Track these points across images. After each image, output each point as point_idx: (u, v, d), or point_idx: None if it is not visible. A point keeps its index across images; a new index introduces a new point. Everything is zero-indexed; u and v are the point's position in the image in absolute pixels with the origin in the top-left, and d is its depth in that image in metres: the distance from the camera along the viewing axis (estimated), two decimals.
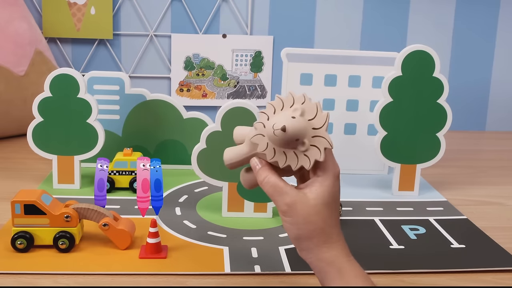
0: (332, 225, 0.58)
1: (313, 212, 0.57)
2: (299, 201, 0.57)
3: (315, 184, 0.58)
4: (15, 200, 0.72)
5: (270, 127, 0.57)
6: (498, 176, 1.15)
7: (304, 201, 0.57)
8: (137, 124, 1.07)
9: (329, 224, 0.57)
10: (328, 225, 0.57)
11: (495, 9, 1.51)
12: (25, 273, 0.68)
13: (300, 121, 0.57)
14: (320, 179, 0.58)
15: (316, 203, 0.57)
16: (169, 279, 0.69)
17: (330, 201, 0.58)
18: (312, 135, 0.58)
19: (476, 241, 0.82)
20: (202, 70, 1.48)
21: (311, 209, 0.57)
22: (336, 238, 0.58)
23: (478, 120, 1.58)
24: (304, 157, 0.58)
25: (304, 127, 0.57)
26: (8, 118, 1.26)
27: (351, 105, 1.09)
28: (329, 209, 0.58)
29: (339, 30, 1.49)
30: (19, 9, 1.29)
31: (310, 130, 0.58)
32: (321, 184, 0.58)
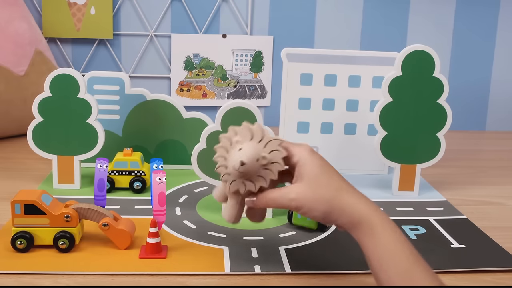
0: (338, 188, 0.63)
1: (313, 187, 0.63)
2: (297, 190, 0.63)
3: (298, 170, 0.64)
4: (15, 200, 0.72)
5: (231, 167, 0.64)
6: (498, 176, 1.15)
7: (300, 186, 0.63)
8: (137, 124, 1.07)
9: (335, 188, 0.63)
10: (334, 188, 0.63)
11: (495, 9, 1.51)
12: (25, 273, 0.68)
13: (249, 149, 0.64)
14: (299, 164, 0.64)
15: (309, 180, 0.63)
16: (169, 279, 0.69)
17: (320, 171, 0.63)
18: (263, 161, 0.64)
19: (476, 241, 0.82)
20: (202, 70, 1.48)
21: (310, 188, 0.63)
22: (351, 198, 0.62)
23: (478, 120, 1.58)
24: (261, 178, 0.65)
25: (255, 151, 0.64)
26: (8, 118, 1.26)
27: (351, 105, 1.09)
28: (326, 176, 0.63)
29: (339, 30, 1.49)
30: (19, 9, 1.29)
31: (261, 153, 0.64)
32: (302, 166, 0.64)
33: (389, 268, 0.57)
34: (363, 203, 0.62)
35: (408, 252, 0.58)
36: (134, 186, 0.96)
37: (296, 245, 0.79)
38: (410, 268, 0.57)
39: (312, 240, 0.80)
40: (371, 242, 0.59)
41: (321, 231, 0.83)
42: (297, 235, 0.82)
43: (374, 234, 0.59)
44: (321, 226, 0.83)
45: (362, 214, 0.61)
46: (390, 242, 0.59)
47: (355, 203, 0.62)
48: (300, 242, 0.79)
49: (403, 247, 0.58)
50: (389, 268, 0.57)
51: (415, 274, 0.56)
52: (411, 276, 0.56)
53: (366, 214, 0.61)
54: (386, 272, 0.57)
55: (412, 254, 0.58)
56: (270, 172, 0.65)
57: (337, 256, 0.75)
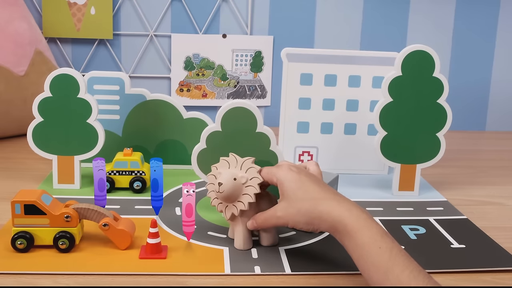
0: (313, 198, 0.69)
1: (293, 203, 0.70)
2: (281, 208, 0.71)
3: (280, 189, 0.72)
4: (15, 200, 0.72)
5: (216, 189, 0.74)
6: (498, 176, 1.15)
7: (283, 204, 0.71)
8: (137, 124, 1.07)
9: (311, 199, 0.69)
10: (310, 200, 0.69)
11: (495, 9, 1.51)
12: (25, 273, 0.68)
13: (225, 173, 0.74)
14: (279, 183, 0.72)
15: (288, 197, 0.70)
16: (169, 279, 0.69)
17: (296, 186, 0.70)
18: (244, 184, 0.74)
19: (476, 241, 0.82)
20: (202, 70, 1.48)
21: (290, 204, 0.70)
22: (326, 206, 0.67)
23: (478, 120, 1.58)
24: (240, 203, 0.74)
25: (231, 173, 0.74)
26: (8, 118, 1.26)
27: (351, 105, 1.09)
28: (302, 190, 0.70)
29: (339, 30, 1.49)
30: (19, 9, 1.29)
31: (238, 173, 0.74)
32: (281, 185, 0.71)
33: (369, 268, 0.61)
34: (338, 208, 0.66)
35: (385, 250, 0.61)
36: (134, 186, 0.96)
37: (296, 245, 0.79)
38: (387, 267, 0.59)
39: (312, 240, 0.80)
40: (349, 244, 0.64)
41: (320, 232, 0.83)
42: (297, 235, 0.82)
43: (350, 237, 0.64)
44: None
45: (337, 219, 0.65)
46: (365, 243, 0.62)
47: (330, 209, 0.66)
48: (300, 242, 0.79)
49: (380, 246, 0.61)
50: (369, 268, 0.61)
51: (393, 273, 0.59)
52: (388, 275, 0.59)
53: (340, 218, 0.65)
54: (367, 271, 0.61)
55: (389, 250, 0.60)
56: (252, 188, 0.74)
57: (337, 256, 0.75)
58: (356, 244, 0.63)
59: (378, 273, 0.60)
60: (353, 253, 0.63)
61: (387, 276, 0.59)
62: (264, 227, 0.75)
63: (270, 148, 0.86)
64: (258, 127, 0.85)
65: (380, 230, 0.63)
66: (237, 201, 0.75)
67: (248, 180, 0.74)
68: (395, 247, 0.61)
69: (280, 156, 0.87)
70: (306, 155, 1.11)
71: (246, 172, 0.75)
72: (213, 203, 0.77)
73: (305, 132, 1.09)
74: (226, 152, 0.78)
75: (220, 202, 0.76)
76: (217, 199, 0.77)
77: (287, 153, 1.09)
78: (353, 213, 0.65)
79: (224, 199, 0.75)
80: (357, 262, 0.63)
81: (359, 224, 0.64)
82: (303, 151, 1.10)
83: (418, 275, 0.58)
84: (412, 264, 0.60)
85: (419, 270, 0.59)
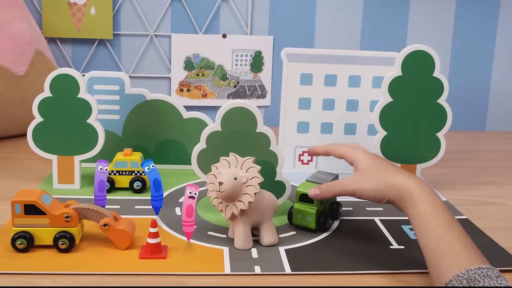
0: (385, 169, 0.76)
1: (365, 173, 0.77)
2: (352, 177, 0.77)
3: (355, 167, 0.80)
4: (15, 200, 0.72)
5: (217, 188, 0.74)
6: (498, 176, 1.15)
7: (354, 174, 0.78)
8: (137, 124, 1.07)
9: (383, 170, 0.76)
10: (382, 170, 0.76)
11: (495, 9, 1.51)
12: (25, 273, 0.68)
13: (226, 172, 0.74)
14: (354, 163, 0.79)
15: (361, 170, 0.77)
16: (169, 279, 0.69)
17: (370, 163, 0.77)
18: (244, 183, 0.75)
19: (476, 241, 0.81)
20: (202, 70, 1.48)
21: (362, 174, 0.77)
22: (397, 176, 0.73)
23: (478, 120, 1.58)
24: (240, 203, 0.74)
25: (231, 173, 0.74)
26: (8, 118, 1.26)
27: (351, 105, 1.09)
28: (375, 165, 0.77)
29: (339, 30, 1.49)
30: (19, 9, 1.29)
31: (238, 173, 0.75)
32: (356, 163, 0.79)
33: (425, 234, 0.65)
34: (407, 179, 0.71)
35: (444, 220, 0.65)
36: (134, 186, 0.96)
37: (296, 245, 0.79)
38: (442, 235, 0.63)
39: (312, 240, 0.80)
40: (411, 210, 0.68)
41: (321, 231, 0.83)
42: (297, 235, 0.82)
43: (413, 204, 0.68)
44: (321, 226, 0.83)
45: (405, 187, 0.70)
46: (427, 210, 0.67)
47: (400, 179, 0.72)
48: (300, 242, 0.79)
49: (439, 216, 0.66)
50: (425, 234, 0.65)
51: (446, 241, 0.63)
52: (442, 242, 0.63)
53: (408, 187, 0.70)
54: (423, 237, 0.65)
55: (448, 222, 0.65)
56: (252, 188, 0.74)
57: (337, 256, 0.75)
58: (418, 212, 0.67)
59: (432, 239, 0.64)
60: (413, 220, 0.68)
61: (440, 243, 0.63)
62: (328, 194, 0.78)
63: (270, 148, 0.86)
64: (258, 127, 0.85)
65: (443, 205, 0.68)
66: (237, 200, 0.75)
67: (249, 179, 0.75)
68: (454, 221, 0.66)
69: (280, 156, 0.87)
70: (306, 155, 1.11)
71: (246, 172, 0.75)
72: (213, 202, 0.77)
73: (305, 132, 1.09)
74: (226, 152, 0.78)
75: (220, 202, 0.76)
76: (217, 199, 0.76)
77: (287, 153, 1.09)
78: (421, 185, 0.70)
79: (225, 199, 0.75)
80: (416, 229, 0.67)
81: (425, 194, 0.69)
82: (303, 151, 1.10)
83: (471, 249, 0.62)
84: (467, 239, 0.64)
85: (472, 246, 0.63)
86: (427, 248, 0.64)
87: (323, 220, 0.83)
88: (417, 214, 0.67)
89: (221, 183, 0.73)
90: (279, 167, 0.87)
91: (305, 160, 1.11)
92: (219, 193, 0.74)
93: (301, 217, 0.83)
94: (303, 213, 0.82)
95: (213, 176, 0.77)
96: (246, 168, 0.75)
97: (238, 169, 0.76)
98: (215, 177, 0.76)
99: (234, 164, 0.76)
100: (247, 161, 0.76)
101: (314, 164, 1.11)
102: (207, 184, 0.78)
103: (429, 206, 0.67)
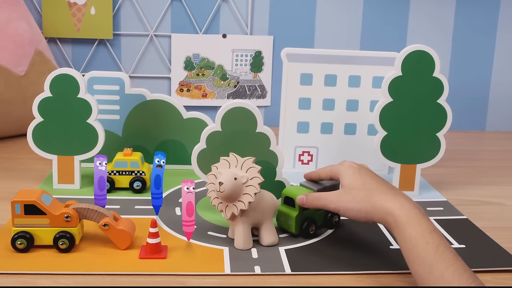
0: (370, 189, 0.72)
1: (349, 191, 0.73)
2: (336, 194, 0.75)
3: (341, 182, 0.77)
4: (15, 200, 0.72)
5: (217, 188, 0.74)
6: (498, 176, 1.15)
7: (339, 191, 0.75)
8: (137, 124, 1.07)
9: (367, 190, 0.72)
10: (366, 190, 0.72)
11: (495, 9, 1.51)
12: (25, 273, 0.68)
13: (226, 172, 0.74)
14: (340, 177, 0.77)
15: (346, 187, 0.75)
16: (169, 279, 0.69)
17: (354, 179, 0.75)
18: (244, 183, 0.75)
19: (476, 241, 0.82)
20: (202, 70, 1.48)
21: (345, 192, 0.74)
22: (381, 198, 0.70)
23: (478, 120, 1.58)
24: (240, 203, 0.74)
25: (231, 173, 0.74)
26: (8, 118, 1.26)
27: (351, 105, 1.09)
28: (360, 182, 0.74)
29: (339, 30, 1.49)
30: (19, 9, 1.29)
31: (238, 173, 0.75)
32: (342, 178, 0.76)
33: (415, 263, 0.63)
34: (391, 201, 0.68)
35: (432, 245, 0.62)
36: (134, 186, 0.96)
37: (296, 245, 0.79)
38: (432, 262, 0.61)
39: (312, 240, 0.80)
40: (398, 236, 0.66)
41: (303, 237, 0.81)
42: (297, 235, 0.82)
43: (398, 229, 0.66)
44: (303, 232, 0.80)
45: (388, 211, 0.68)
46: (413, 237, 0.63)
47: (383, 201, 0.69)
48: (300, 242, 0.79)
49: (427, 241, 0.63)
50: (415, 263, 0.63)
51: (437, 269, 0.60)
52: (433, 270, 0.60)
53: (391, 210, 0.67)
54: (413, 266, 0.63)
55: (436, 247, 0.62)
56: (252, 188, 0.74)
57: (337, 256, 0.75)
58: (404, 237, 0.64)
59: (422, 267, 0.61)
60: (401, 246, 0.65)
61: (431, 271, 0.60)
62: (312, 205, 0.76)
63: (270, 148, 0.86)
64: (258, 127, 0.85)
65: (430, 227, 0.65)
66: (237, 200, 0.75)
67: (249, 179, 0.75)
68: (442, 244, 0.62)
69: (280, 156, 0.87)
70: (306, 155, 1.11)
71: (246, 172, 0.75)
72: (213, 202, 0.77)
73: (305, 132, 1.09)
74: (226, 152, 0.78)
75: (220, 202, 0.76)
76: (217, 199, 0.76)
77: (287, 153, 1.09)
78: (405, 207, 0.67)
79: (225, 199, 0.75)
80: (405, 255, 0.65)
81: (409, 218, 0.65)
82: (303, 151, 1.10)
83: (463, 273, 0.59)
84: (458, 262, 0.60)
85: (465, 269, 0.60)
86: (419, 277, 0.62)
87: (306, 226, 0.80)
88: (404, 239, 0.65)
89: (221, 183, 0.73)
90: (279, 167, 0.87)
91: (305, 160, 1.11)
92: (219, 193, 0.74)
93: (283, 220, 0.82)
94: (285, 216, 0.81)
95: (213, 176, 0.77)
96: (246, 168, 0.75)
97: (238, 169, 0.76)
98: (215, 177, 0.76)
99: (234, 164, 0.76)
100: (247, 161, 0.76)
101: (314, 164, 1.11)
102: (207, 184, 0.78)
103: (415, 232, 0.64)
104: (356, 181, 0.74)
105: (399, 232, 0.65)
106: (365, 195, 0.71)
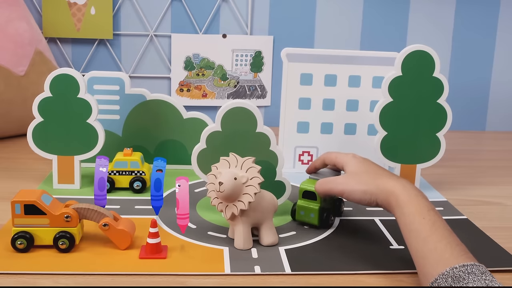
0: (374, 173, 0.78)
1: (354, 176, 0.78)
2: (342, 178, 0.79)
3: (345, 170, 0.81)
4: (15, 200, 0.72)
5: (217, 188, 0.74)
6: (498, 176, 1.15)
7: (345, 175, 0.80)
8: (137, 124, 1.07)
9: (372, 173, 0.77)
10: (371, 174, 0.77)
11: (495, 9, 1.51)
12: (25, 273, 0.68)
13: (226, 172, 0.74)
14: (344, 166, 0.81)
15: (351, 173, 0.79)
16: (169, 279, 0.69)
17: (359, 166, 0.79)
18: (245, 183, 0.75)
19: (476, 241, 0.82)
20: (202, 70, 1.48)
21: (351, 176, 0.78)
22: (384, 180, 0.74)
23: (478, 120, 1.58)
24: (240, 203, 0.74)
25: (231, 173, 0.74)
26: (8, 118, 1.26)
27: (351, 105, 1.09)
28: (364, 169, 0.79)
29: (339, 30, 1.49)
30: (19, 9, 1.29)
31: (238, 173, 0.75)
32: (346, 167, 0.81)
33: (411, 236, 0.67)
34: (394, 182, 0.73)
35: (428, 221, 0.66)
36: (134, 186, 0.96)
37: (296, 245, 0.79)
38: (427, 235, 0.65)
39: (312, 240, 0.80)
40: (398, 213, 0.70)
41: (323, 227, 0.83)
42: (297, 235, 0.82)
43: (399, 207, 0.70)
44: (323, 223, 0.83)
45: (391, 191, 0.72)
46: (412, 212, 0.68)
47: (387, 183, 0.73)
48: (300, 242, 0.79)
49: (424, 216, 0.67)
50: (411, 236, 0.67)
51: (431, 240, 0.64)
52: (427, 242, 0.64)
53: (394, 190, 0.71)
54: (409, 239, 0.67)
55: (432, 222, 0.66)
56: (252, 188, 0.74)
57: (337, 256, 0.75)
58: (403, 213, 0.69)
59: (417, 240, 0.65)
60: (399, 222, 0.69)
61: (425, 243, 0.64)
62: (321, 189, 0.80)
63: (270, 148, 0.86)
64: (258, 127, 0.85)
65: (428, 206, 0.69)
66: (237, 200, 0.75)
67: (249, 179, 0.75)
68: (438, 220, 0.67)
69: (280, 156, 0.87)
70: (306, 155, 1.11)
71: (246, 172, 0.75)
72: (213, 202, 0.77)
73: (305, 132, 1.09)
74: (226, 152, 0.78)
75: (220, 202, 0.76)
76: (217, 199, 0.76)
77: (287, 153, 1.09)
78: (406, 188, 0.71)
79: (225, 199, 0.75)
80: (402, 230, 0.69)
81: (410, 197, 0.70)
82: (303, 151, 1.10)
83: (456, 247, 0.63)
84: (451, 236, 0.65)
85: (457, 243, 0.64)
86: (414, 249, 0.65)
87: (326, 217, 0.83)
88: (403, 216, 0.69)
89: (221, 183, 0.73)
90: (279, 167, 0.87)
91: (305, 160, 1.11)
92: (219, 193, 0.74)
93: (304, 213, 0.84)
94: (306, 209, 0.83)
95: (213, 176, 0.77)
96: (246, 168, 0.75)
97: (238, 169, 0.76)
98: (215, 177, 0.76)
99: (234, 164, 0.76)
100: (247, 161, 0.76)
101: None
102: (207, 184, 0.78)
103: (414, 208, 0.68)
104: (361, 167, 0.79)
105: (399, 210, 0.69)
106: (370, 177, 0.76)
